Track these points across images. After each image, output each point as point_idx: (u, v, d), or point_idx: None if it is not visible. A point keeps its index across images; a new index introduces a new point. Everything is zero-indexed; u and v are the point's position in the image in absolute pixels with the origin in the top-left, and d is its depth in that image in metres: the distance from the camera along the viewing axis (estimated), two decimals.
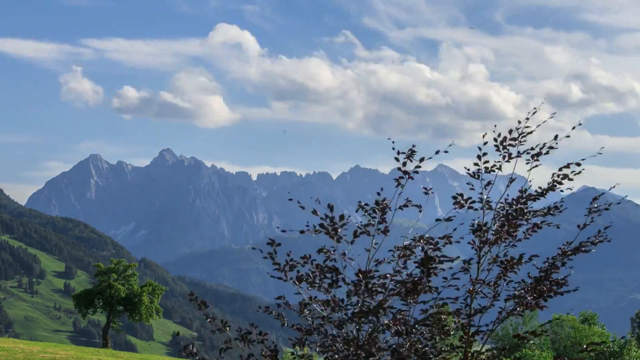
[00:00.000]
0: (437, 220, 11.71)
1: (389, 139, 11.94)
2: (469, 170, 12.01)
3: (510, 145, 11.83)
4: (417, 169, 11.60)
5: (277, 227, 13.73)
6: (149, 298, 79.70)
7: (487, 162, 11.92)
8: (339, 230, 11.44)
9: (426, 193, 12.16)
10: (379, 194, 11.88)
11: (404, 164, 11.60)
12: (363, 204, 11.73)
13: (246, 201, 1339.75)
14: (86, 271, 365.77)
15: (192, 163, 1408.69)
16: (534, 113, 11.80)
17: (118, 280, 79.85)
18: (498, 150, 11.88)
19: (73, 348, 61.90)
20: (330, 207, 11.45)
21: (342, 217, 11.50)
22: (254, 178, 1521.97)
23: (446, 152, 11.88)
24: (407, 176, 11.64)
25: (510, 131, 11.86)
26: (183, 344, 11.57)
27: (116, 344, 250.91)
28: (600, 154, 12.02)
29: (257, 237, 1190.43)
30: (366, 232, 11.50)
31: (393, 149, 11.62)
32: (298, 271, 11.55)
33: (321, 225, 11.39)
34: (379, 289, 11.25)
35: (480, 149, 11.84)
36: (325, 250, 11.49)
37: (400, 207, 11.57)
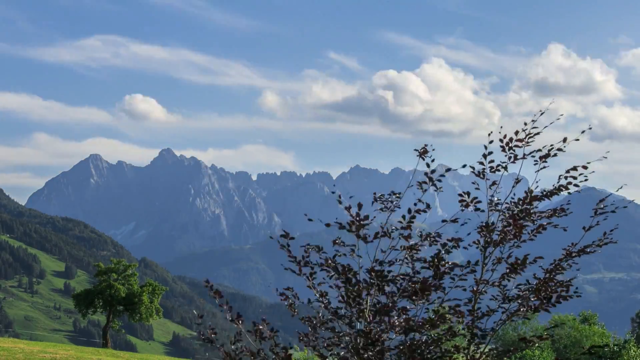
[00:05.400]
0: (443, 221, 11.63)
1: (417, 150, 11.80)
2: (473, 169, 11.89)
3: (516, 146, 11.70)
4: (441, 177, 11.53)
5: (305, 215, 13.55)
6: (149, 298, 79.60)
7: (492, 161, 11.81)
8: (362, 229, 11.42)
9: (436, 190, 11.99)
10: (396, 196, 11.79)
11: (433, 171, 11.56)
12: (378, 195, 11.70)
13: (246, 201, 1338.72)
14: (86, 271, 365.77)
15: (192, 163, 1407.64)
16: (541, 114, 11.67)
17: (118, 280, 79.78)
18: (504, 150, 11.76)
19: (73, 348, 61.84)
20: (359, 206, 11.45)
21: (366, 217, 11.49)
22: (254, 178, 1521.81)
23: (463, 166, 11.80)
24: (430, 183, 11.58)
25: (517, 132, 11.74)
26: (202, 333, 11.69)
27: (116, 343, 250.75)
28: (606, 157, 11.88)
29: (257, 237, 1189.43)
30: (387, 235, 11.45)
31: (416, 150, 11.56)
32: (311, 264, 11.53)
33: (350, 223, 11.35)
34: (389, 289, 11.24)
35: (486, 147, 11.71)
36: (340, 242, 11.49)
37: (417, 212, 11.47)
